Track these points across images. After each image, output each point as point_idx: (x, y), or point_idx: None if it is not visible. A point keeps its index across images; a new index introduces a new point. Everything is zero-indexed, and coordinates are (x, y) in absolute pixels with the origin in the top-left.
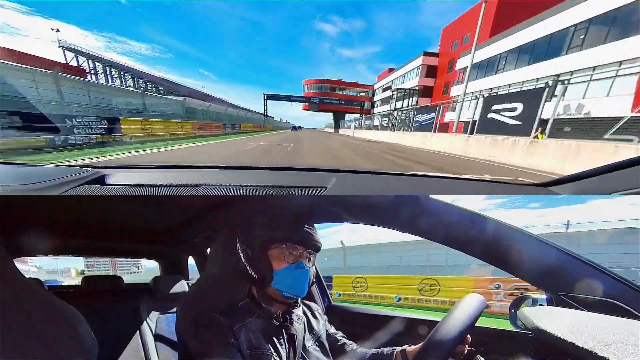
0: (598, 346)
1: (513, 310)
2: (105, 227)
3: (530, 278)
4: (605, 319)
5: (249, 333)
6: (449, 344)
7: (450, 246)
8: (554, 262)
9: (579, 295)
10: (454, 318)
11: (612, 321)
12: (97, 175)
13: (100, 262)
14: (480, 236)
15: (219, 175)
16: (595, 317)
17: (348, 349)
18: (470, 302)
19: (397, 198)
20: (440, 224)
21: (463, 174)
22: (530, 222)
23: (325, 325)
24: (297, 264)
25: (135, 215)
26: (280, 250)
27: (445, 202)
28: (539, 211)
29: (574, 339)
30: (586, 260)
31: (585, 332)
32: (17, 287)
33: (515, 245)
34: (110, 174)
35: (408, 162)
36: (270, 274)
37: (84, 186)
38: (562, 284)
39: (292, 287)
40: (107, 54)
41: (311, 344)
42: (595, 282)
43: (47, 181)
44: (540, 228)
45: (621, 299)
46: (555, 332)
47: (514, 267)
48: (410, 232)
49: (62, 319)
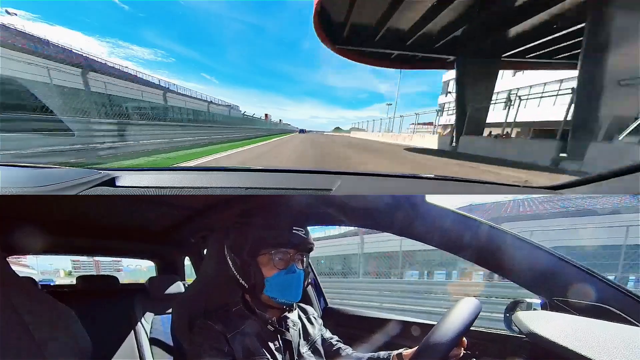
0: (590, 350)
1: (508, 314)
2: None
3: (525, 282)
4: (597, 323)
5: (244, 340)
6: (444, 348)
7: (445, 250)
8: (548, 266)
9: (573, 300)
10: (449, 322)
11: (604, 326)
12: (108, 178)
13: (86, 262)
14: (476, 240)
15: (224, 177)
16: (588, 321)
17: (343, 353)
18: (466, 305)
19: (393, 201)
20: (435, 227)
21: (468, 176)
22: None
23: (320, 330)
24: (287, 269)
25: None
26: (269, 256)
27: (441, 206)
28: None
29: (567, 343)
30: (579, 265)
31: (578, 336)
32: (10, 286)
33: (510, 249)
34: (121, 176)
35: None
36: (261, 281)
37: (96, 188)
38: (556, 288)
39: (285, 294)
40: (110, 59)
41: (306, 350)
42: (588, 287)
43: (60, 183)
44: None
45: (613, 304)
46: (549, 336)
47: (508, 271)
48: (407, 236)
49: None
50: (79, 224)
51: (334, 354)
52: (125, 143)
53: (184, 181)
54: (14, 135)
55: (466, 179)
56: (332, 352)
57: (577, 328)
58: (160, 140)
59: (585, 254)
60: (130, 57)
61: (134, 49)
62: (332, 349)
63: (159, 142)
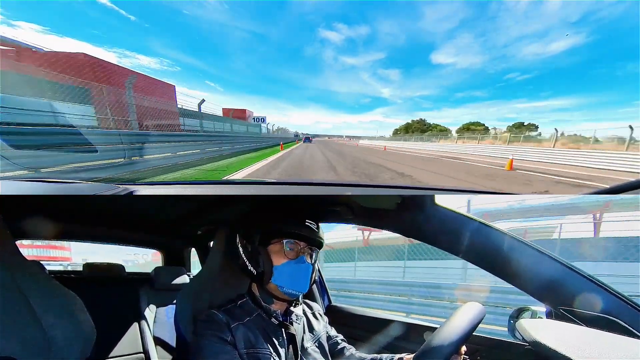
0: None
1: (512, 321)
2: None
3: (531, 290)
4: (602, 335)
5: (247, 331)
6: (445, 353)
7: (451, 252)
8: (555, 275)
9: (578, 310)
10: (451, 326)
11: (609, 338)
12: (127, 192)
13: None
14: (484, 245)
15: (234, 190)
16: (592, 332)
17: (347, 353)
18: (469, 310)
19: (403, 203)
20: (444, 230)
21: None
22: None
23: (325, 327)
24: (297, 259)
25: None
26: (280, 245)
27: (452, 209)
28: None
29: (570, 353)
30: (587, 276)
31: (582, 347)
32: (18, 270)
33: (517, 255)
34: (138, 190)
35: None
36: (270, 269)
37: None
38: (562, 297)
39: (293, 283)
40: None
41: (310, 345)
42: (595, 297)
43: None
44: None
45: (620, 316)
46: (552, 345)
47: (515, 278)
48: (414, 237)
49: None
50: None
51: (338, 353)
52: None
53: (196, 193)
54: (42, 152)
55: (503, 192)
56: (337, 351)
57: (581, 339)
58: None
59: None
60: (137, 66)
61: (140, 58)
62: (337, 348)
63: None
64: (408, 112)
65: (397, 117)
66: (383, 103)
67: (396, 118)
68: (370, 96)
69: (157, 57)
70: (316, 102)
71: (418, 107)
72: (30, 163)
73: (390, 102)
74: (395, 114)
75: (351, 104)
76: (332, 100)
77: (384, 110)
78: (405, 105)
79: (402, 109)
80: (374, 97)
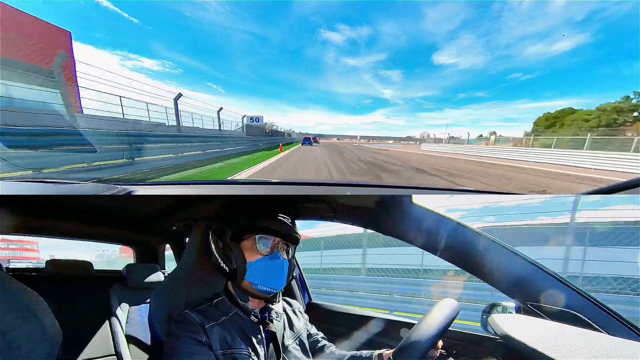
0: (557, 353)
1: (485, 316)
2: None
3: (502, 287)
4: (566, 328)
5: (223, 331)
6: (422, 348)
7: (427, 250)
8: (523, 272)
9: (544, 305)
10: (428, 322)
11: (571, 331)
12: (125, 192)
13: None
14: (456, 242)
15: (226, 190)
16: (557, 326)
17: (327, 350)
18: (445, 306)
19: (381, 201)
20: (419, 227)
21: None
22: None
23: (306, 325)
24: (271, 255)
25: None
26: (252, 240)
27: (429, 209)
28: None
29: (537, 345)
30: (552, 273)
31: (547, 339)
32: None
33: (490, 253)
34: (136, 190)
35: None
36: (243, 266)
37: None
38: (530, 294)
39: (267, 280)
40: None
41: (291, 342)
42: (559, 293)
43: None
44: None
45: (582, 312)
46: (521, 338)
47: (487, 275)
48: (392, 235)
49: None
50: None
51: (318, 351)
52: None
53: (192, 193)
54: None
55: (506, 192)
56: (317, 349)
57: (547, 332)
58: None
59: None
60: (140, 68)
61: (142, 60)
62: (317, 346)
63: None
64: (409, 113)
65: (398, 118)
66: (384, 104)
67: (397, 119)
68: (372, 97)
69: (159, 60)
70: (317, 104)
71: (420, 108)
72: (26, 164)
73: (391, 103)
74: (397, 115)
75: (352, 105)
76: (333, 102)
77: (385, 111)
78: (406, 106)
79: (404, 110)
80: (376, 98)
